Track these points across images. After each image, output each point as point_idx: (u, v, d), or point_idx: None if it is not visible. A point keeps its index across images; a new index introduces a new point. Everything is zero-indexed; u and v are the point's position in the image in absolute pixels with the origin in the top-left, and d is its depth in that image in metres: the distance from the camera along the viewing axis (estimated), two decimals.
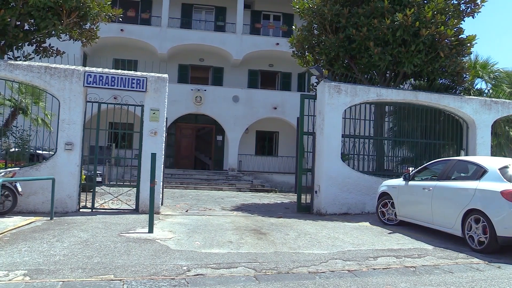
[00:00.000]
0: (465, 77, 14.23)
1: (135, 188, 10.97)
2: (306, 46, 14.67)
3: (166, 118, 11.42)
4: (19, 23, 11.36)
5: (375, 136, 13.69)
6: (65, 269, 5.38)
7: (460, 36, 13.32)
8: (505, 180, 7.24)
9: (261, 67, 27.02)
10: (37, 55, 12.30)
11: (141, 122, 10.83)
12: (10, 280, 4.91)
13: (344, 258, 6.50)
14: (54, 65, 10.52)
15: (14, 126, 13.44)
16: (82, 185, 10.98)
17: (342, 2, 13.55)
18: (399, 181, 9.82)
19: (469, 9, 14.15)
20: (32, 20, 11.20)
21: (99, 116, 10.85)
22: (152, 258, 6.09)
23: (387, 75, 14.19)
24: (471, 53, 14.30)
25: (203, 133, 26.39)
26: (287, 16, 26.58)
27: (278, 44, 24.96)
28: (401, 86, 14.68)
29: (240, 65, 26.09)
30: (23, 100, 13.92)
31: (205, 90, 23.94)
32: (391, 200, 9.86)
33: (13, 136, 13.18)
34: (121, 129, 12.94)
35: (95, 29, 12.46)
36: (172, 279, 5.15)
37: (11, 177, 9.21)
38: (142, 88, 10.76)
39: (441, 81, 14.43)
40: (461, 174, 8.42)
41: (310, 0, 14.08)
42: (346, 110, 12.10)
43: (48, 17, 10.85)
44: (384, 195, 10.16)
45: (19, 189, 9.50)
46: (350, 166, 12.18)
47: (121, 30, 23.52)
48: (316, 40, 14.25)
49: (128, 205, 11.14)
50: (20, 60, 11.41)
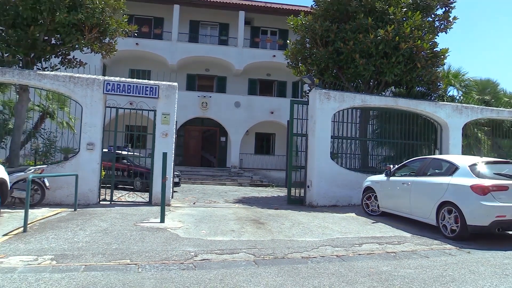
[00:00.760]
0: (439, 85, 14.23)
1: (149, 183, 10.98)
2: (300, 58, 14.67)
3: (176, 121, 11.43)
4: (46, 38, 11.35)
5: (361, 137, 13.71)
6: (87, 254, 5.39)
7: (434, 49, 13.33)
8: (474, 176, 7.26)
9: (259, 76, 27.00)
10: (62, 66, 12.28)
11: (154, 125, 10.83)
12: (39, 264, 4.92)
13: (333, 245, 6.51)
14: (77, 75, 10.53)
15: (42, 129, 13.44)
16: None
17: (331, 19, 13.56)
18: (382, 177, 9.83)
19: (442, 25, 14.21)
20: (58, 35, 11.19)
21: (117, 120, 10.85)
22: (163, 245, 6.10)
23: (371, 83, 14.19)
24: (445, 64, 14.28)
25: (209, 135, 26.36)
26: (282, 31, 26.55)
27: (274, 56, 24.94)
28: (383, 93, 14.68)
29: (241, 74, 26.08)
30: (50, 106, 13.89)
31: (210, 97, 23.91)
32: (375, 194, 9.87)
33: (42, 138, 13.17)
34: (136, 131, 12.95)
35: (113, 43, 12.44)
36: (181, 263, 5.16)
37: (40, 173, 9.21)
38: (155, 95, 10.77)
39: (418, 88, 14.42)
40: (436, 170, 8.43)
41: (303, 17, 14.08)
42: (335, 114, 12.11)
43: (72, 32, 10.84)
44: (368, 189, 10.16)
45: (47, 184, 9.51)
46: (338, 164, 12.19)
47: (136, 44, 23.49)
48: (308, 53, 14.25)
49: (142, 198, 11.16)
50: (48, 70, 11.39)
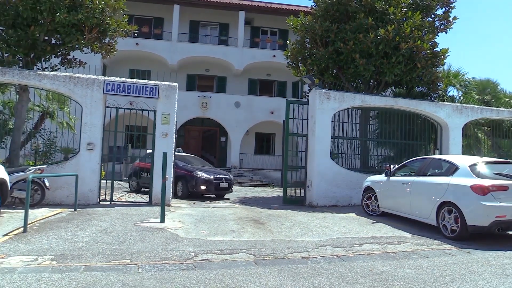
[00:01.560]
0: (439, 85, 14.23)
1: (149, 183, 10.98)
2: (299, 58, 14.66)
3: (176, 121, 11.43)
4: (46, 38, 11.35)
5: (361, 137, 13.71)
6: (87, 254, 5.38)
7: (434, 49, 13.32)
8: (474, 176, 7.26)
9: (259, 76, 26.99)
10: (62, 66, 12.29)
11: (154, 125, 10.83)
12: (39, 264, 4.92)
13: (333, 245, 6.51)
14: (77, 75, 10.53)
15: (42, 129, 13.44)
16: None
17: (331, 19, 13.55)
18: (382, 177, 9.83)
19: (442, 25, 14.19)
20: (58, 36, 11.18)
21: (117, 120, 10.85)
22: (163, 245, 6.10)
23: (371, 83, 14.18)
24: (445, 64, 14.27)
25: (209, 135, 26.36)
26: (282, 31, 26.54)
27: (274, 56, 24.94)
28: (383, 93, 14.67)
29: (241, 74, 26.07)
30: (50, 106, 13.90)
31: (210, 97, 23.90)
32: (375, 194, 9.87)
33: (42, 138, 13.17)
34: (136, 131, 12.95)
35: (113, 43, 12.44)
36: (181, 263, 5.16)
37: (40, 173, 9.21)
38: (155, 95, 10.77)
39: (418, 89, 14.42)
40: (436, 170, 8.43)
41: (303, 17, 14.08)
42: (335, 114, 12.11)
43: (72, 32, 10.84)
44: (368, 189, 10.16)
45: (47, 184, 9.51)
46: (338, 164, 12.19)
47: (136, 44, 23.48)
48: (308, 53, 14.24)
49: (143, 198, 11.16)
50: (48, 70, 11.39)
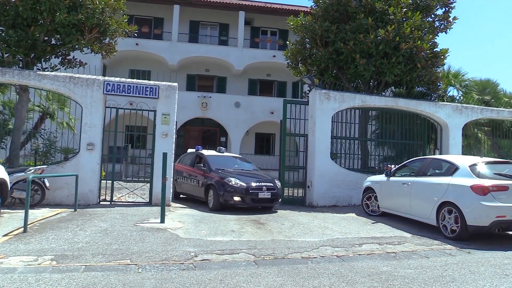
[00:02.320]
0: (439, 85, 14.23)
1: (149, 184, 10.98)
2: (299, 58, 14.66)
3: (176, 121, 11.43)
4: (46, 38, 11.35)
5: (360, 137, 13.71)
6: (87, 254, 5.38)
7: (434, 49, 13.33)
8: (474, 176, 7.26)
9: (259, 76, 26.97)
10: (62, 66, 12.28)
11: (154, 125, 10.83)
12: (39, 264, 4.92)
13: (333, 245, 6.51)
14: (77, 75, 10.53)
15: (42, 129, 13.44)
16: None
17: (331, 20, 13.55)
18: (382, 177, 9.82)
19: (442, 25, 14.19)
20: (58, 36, 11.18)
21: (117, 120, 10.85)
22: (163, 245, 6.10)
23: (371, 83, 14.18)
24: (444, 64, 14.28)
25: (209, 135, 26.34)
26: (282, 31, 26.52)
27: (274, 56, 24.91)
28: (383, 93, 14.67)
29: (241, 75, 26.06)
30: (50, 106, 13.90)
31: (210, 97, 23.89)
32: (375, 194, 9.86)
33: (42, 138, 13.17)
34: (136, 131, 12.96)
35: (113, 43, 12.44)
36: (181, 263, 5.16)
37: (40, 173, 9.21)
38: (155, 95, 10.77)
39: (418, 89, 14.43)
40: (436, 171, 8.43)
41: (302, 18, 14.08)
42: (334, 114, 12.11)
43: (72, 33, 10.84)
44: (368, 190, 10.16)
45: (47, 184, 9.52)
46: (338, 164, 12.19)
47: (136, 44, 23.46)
48: (308, 53, 14.24)
49: (143, 198, 11.15)
50: (48, 71, 11.39)
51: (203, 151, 12.06)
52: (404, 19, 12.85)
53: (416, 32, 12.55)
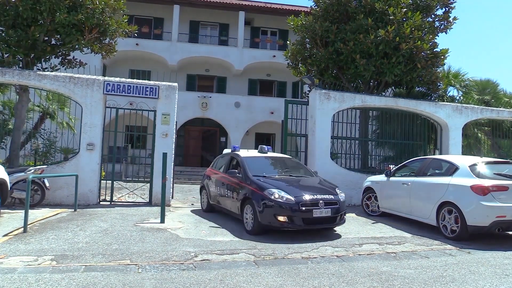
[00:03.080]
0: (439, 85, 14.23)
1: (149, 184, 10.98)
2: (300, 58, 14.66)
3: (176, 121, 11.43)
4: (46, 38, 11.35)
5: (360, 138, 13.71)
6: (87, 255, 5.38)
7: (434, 50, 13.32)
8: (474, 176, 7.26)
9: (259, 76, 26.98)
10: (62, 67, 12.29)
11: (154, 125, 10.83)
12: (39, 264, 4.92)
13: (333, 245, 6.51)
14: (77, 75, 10.53)
15: (42, 129, 13.43)
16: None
17: (331, 20, 13.55)
18: (382, 177, 9.82)
19: (442, 25, 14.19)
20: (58, 36, 11.18)
21: (117, 120, 10.85)
22: (163, 245, 6.10)
23: (371, 83, 14.18)
24: (445, 64, 14.26)
25: (209, 135, 26.35)
26: (282, 31, 26.53)
27: (274, 56, 24.92)
28: (383, 93, 14.67)
29: (241, 75, 26.06)
30: (50, 106, 13.90)
31: (210, 97, 23.90)
32: (375, 194, 9.85)
33: (42, 138, 13.16)
34: (136, 131, 12.96)
35: (113, 44, 12.44)
36: (181, 263, 5.16)
37: (40, 173, 9.21)
38: (155, 95, 10.76)
39: (418, 89, 14.42)
40: (436, 171, 8.43)
41: (303, 17, 14.08)
42: (334, 114, 12.10)
43: (72, 33, 10.84)
44: (368, 190, 10.15)
45: (47, 184, 9.52)
46: (338, 164, 12.18)
47: (136, 44, 23.47)
48: (308, 53, 14.24)
49: (142, 198, 11.15)
50: (48, 71, 11.39)
51: (240, 152, 9.33)
52: (404, 19, 12.84)
53: (416, 32, 12.55)
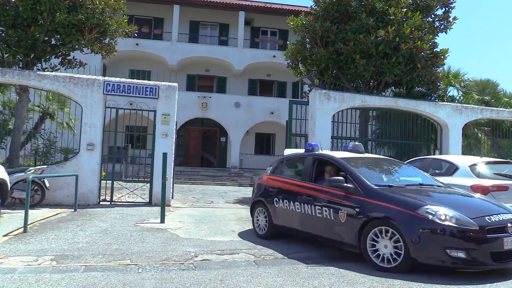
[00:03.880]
0: (439, 85, 14.23)
1: (149, 184, 10.98)
2: (300, 58, 14.65)
3: (176, 121, 11.44)
4: (46, 38, 11.36)
5: (361, 138, 13.70)
6: (87, 255, 5.38)
7: (434, 50, 13.32)
8: (474, 176, 7.27)
9: (259, 76, 27.00)
10: (62, 67, 12.30)
11: (154, 125, 10.83)
12: (39, 264, 4.92)
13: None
14: (77, 75, 10.53)
15: (42, 129, 13.44)
16: None
17: (331, 20, 13.54)
18: None
19: (442, 25, 14.18)
20: (58, 36, 11.19)
21: (117, 120, 10.85)
22: (163, 245, 6.10)
23: (371, 83, 14.18)
24: (444, 64, 14.27)
25: (209, 135, 26.37)
26: (282, 31, 26.54)
27: (274, 56, 24.94)
28: (383, 93, 14.66)
29: (241, 75, 26.08)
30: (50, 106, 13.91)
31: (210, 97, 23.92)
32: None
33: (42, 138, 13.17)
34: (136, 131, 12.97)
35: (113, 44, 12.46)
36: (181, 263, 5.16)
37: (40, 173, 9.21)
38: (155, 95, 10.77)
39: (418, 89, 14.42)
40: (436, 170, 8.42)
41: (303, 17, 14.08)
42: (334, 114, 12.09)
43: (72, 33, 10.85)
44: None
45: (47, 185, 9.52)
46: None
47: (136, 44, 23.49)
48: (308, 53, 14.23)
49: (142, 198, 11.15)
50: (48, 71, 11.40)
51: (327, 152, 7.16)
52: (404, 19, 12.84)
53: (416, 32, 12.54)
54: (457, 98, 16.02)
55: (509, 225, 4.87)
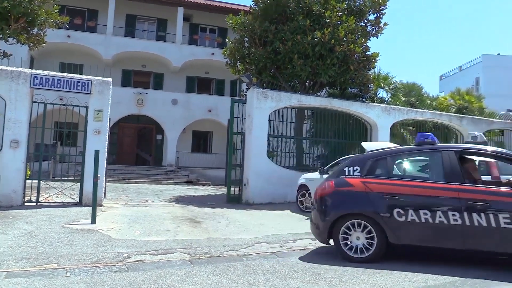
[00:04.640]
0: (370, 87, 14.95)
1: (79, 183, 10.48)
2: (238, 57, 14.72)
3: (110, 118, 11.00)
4: None
5: (296, 136, 14.02)
6: (9, 260, 5.03)
7: (366, 53, 13.96)
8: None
9: (198, 74, 26.74)
10: None
11: (86, 121, 10.35)
12: None
13: (268, 242, 6.61)
14: (1, 67, 9.80)
15: None
16: None
17: (270, 20, 13.74)
18: (315, 175, 10.12)
19: (374, 30, 14.90)
20: None
21: (45, 116, 10.23)
22: (94, 247, 5.85)
23: (307, 84, 14.56)
24: (375, 67, 15.04)
25: (144, 132, 25.71)
26: (221, 29, 26.47)
27: (213, 54, 24.82)
28: (319, 93, 15.13)
29: (179, 71, 25.67)
30: None
31: (146, 94, 23.31)
32: (309, 191, 10.14)
33: None
34: (66, 128, 12.31)
35: (42, 35, 11.75)
36: (113, 265, 4.98)
37: None
38: (87, 91, 10.30)
39: (351, 90, 15.04)
40: None
41: (242, 16, 14.14)
42: (271, 113, 12.29)
43: None
44: (302, 187, 10.42)
45: None
46: (274, 162, 12.39)
47: (68, 36, 22.31)
48: (246, 52, 14.34)
49: (72, 198, 10.62)
50: None
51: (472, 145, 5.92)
52: (339, 22, 13.33)
53: (350, 35, 13.07)
54: (386, 99, 16.89)
55: None
